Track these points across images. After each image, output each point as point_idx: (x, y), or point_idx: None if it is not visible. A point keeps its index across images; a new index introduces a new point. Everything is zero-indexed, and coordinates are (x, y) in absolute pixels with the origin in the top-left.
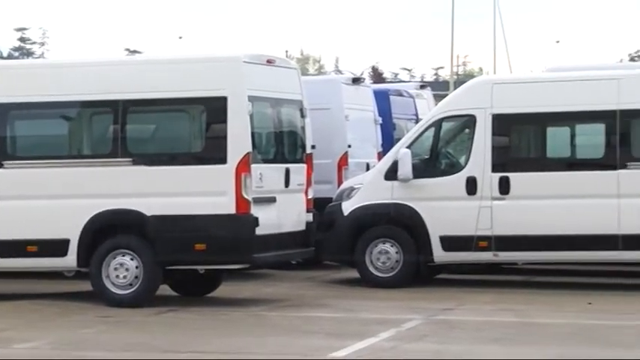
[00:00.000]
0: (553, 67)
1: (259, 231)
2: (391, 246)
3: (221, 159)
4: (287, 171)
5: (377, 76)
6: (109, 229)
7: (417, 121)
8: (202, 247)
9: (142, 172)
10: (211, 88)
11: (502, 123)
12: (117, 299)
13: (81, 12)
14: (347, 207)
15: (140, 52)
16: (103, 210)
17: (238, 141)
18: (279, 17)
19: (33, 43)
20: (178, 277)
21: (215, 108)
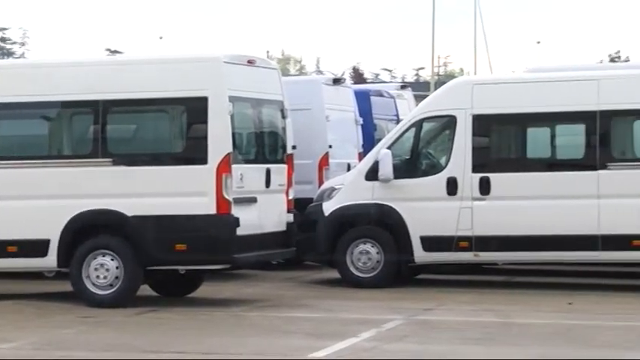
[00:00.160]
0: (533, 68)
1: (240, 231)
2: (372, 246)
3: (202, 159)
4: (268, 171)
5: (358, 77)
6: (90, 230)
7: (398, 122)
8: (183, 248)
9: (123, 173)
10: (192, 89)
11: (482, 123)
12: (97, 299)
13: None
14: (328, 207)
15: (121, 52)
16: (84, 210)
17: (219, 141)
18: (260, 17)
19: (13, 43)
20: (159, 278)
21: (196, 108)
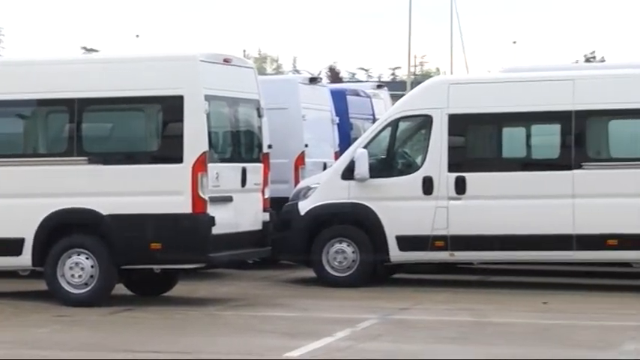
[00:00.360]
0: (509, 68)
1: (215, 230)
2: (347, 245)
3: (177, 158)
4: (244, 170)
5: (334, 76)
6: (65, 228)
7: (374, 121)
8: (158, 247)
9: (98, 171)
10: (168, 87)
11: (458, 123)
12: (72, 298)
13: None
14: (303, 206)
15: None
16: (59, 209)
17: (195, 140)
18: (236, 16)
19: None
20: (134, 277)
21: (171, 107)
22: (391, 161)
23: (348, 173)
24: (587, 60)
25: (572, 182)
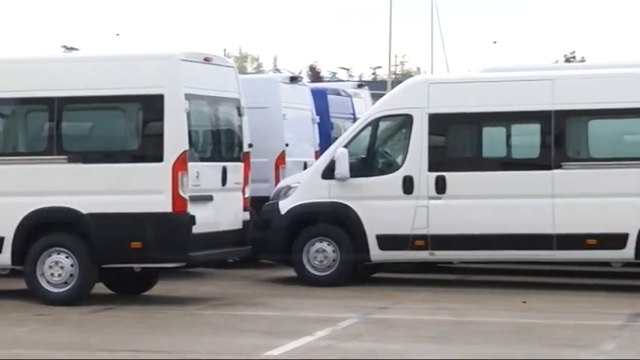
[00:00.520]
0: (489, 68)
1: (196, 229)
2: (328, 245)
3: (158, 157)
4: (224, 169)
5: (315, 75)
6: (45, 227)
7: (355, 121)
8: (138, 246)
9: (78, 170)
10: (148, 86)
11: (438, 122)
12: (52, 297)
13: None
14: (284, 206)
15: (77, 49)
16: (39, 208)
17: (175, 139)
18: (217, 15)
19: None
20: (114, 276)
21: (152, 106)
22: (372, 161)
23: (329, 172)
24: (567, 60)
25: (551, 182)
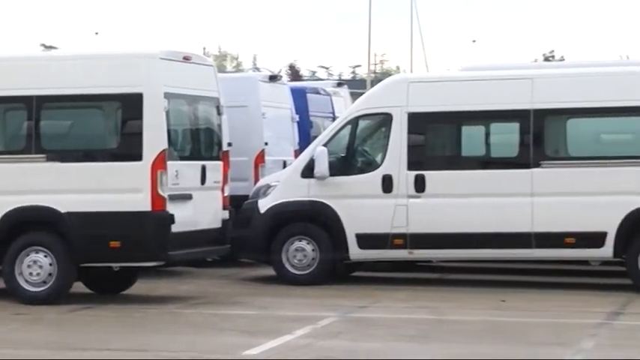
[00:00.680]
0: (469, 67)
1: (175, 228)
2: (307, 243)
3: (136, 156)
4: (203, 168)
5: (294, 74)
6: (23, 226)
7: (334, 119)
8: (117, 245)
9: (57, 169)
10: (127, 85)
11: (418, 121)
12: (30, 296)
13: None
14: (263, 204)
15: (56, 48)
16: (17, 207)
17: (154, 138)
18: (196, 14)
19: None
20: (93, 275)
21: (131, 104)
22: (351, 159)
23: (308, 171)
24: (546, 59)
25: (530, 181)
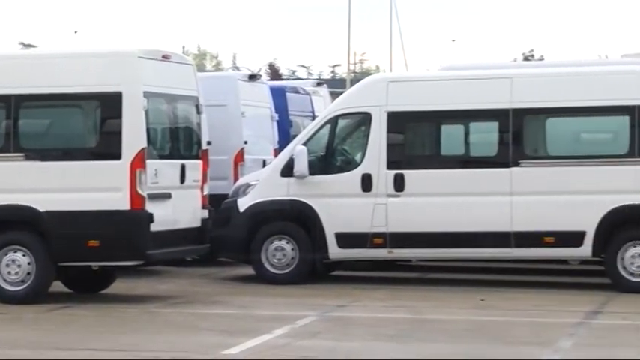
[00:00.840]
0: (448, 66)
1: (154, 227)
2: (287, 242)
3: (115, 155)
4: (182, 167)
5: (274, 73)
6: (1, 225)
7: (314, 119)
8: (96, 244)
9: (35, 168)
10: (106, 84)
11: (397, 120)
12: (8, 296)
13: None
14: (243, 203)
15: (35, 46)
16: None
17: (133, 137)
18: (176, 13)
19: None
20: (72, 274)
21: (110, 103)
22: (330, 159)
23: (288, 170)
24: (525, 58)
25: (509, 180)
